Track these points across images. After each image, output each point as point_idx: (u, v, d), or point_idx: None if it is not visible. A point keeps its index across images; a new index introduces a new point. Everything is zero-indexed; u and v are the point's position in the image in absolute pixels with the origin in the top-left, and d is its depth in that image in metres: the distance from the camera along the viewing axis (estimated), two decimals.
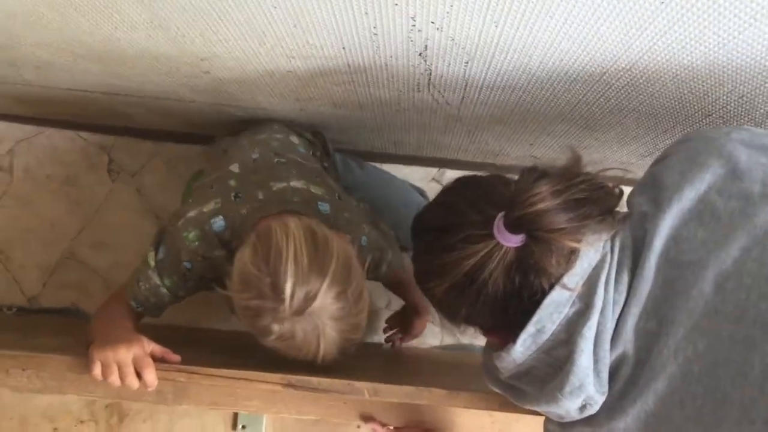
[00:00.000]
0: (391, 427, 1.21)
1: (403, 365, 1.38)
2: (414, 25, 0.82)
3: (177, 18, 0.87)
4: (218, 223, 1.11)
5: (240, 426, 1.37)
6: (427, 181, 1.70)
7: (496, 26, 0.80)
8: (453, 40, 0.86)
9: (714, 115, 1.06)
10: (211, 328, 1.62)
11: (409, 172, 1.69)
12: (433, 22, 0.81)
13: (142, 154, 1.68)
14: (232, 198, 1.13)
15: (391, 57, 0.94)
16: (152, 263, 1.12)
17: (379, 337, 1.59)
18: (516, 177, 0.83)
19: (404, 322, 1.50)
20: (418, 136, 1.43)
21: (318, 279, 0.91)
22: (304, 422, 1.35)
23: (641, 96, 1.00)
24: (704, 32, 0.76)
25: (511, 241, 0.76)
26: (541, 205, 0.74)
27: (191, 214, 1.12)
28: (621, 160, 1.45)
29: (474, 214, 0.79)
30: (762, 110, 1.01)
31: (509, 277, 0.77)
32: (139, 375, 0.97)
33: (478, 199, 0.81)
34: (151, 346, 1.01)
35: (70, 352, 1.04)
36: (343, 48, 0.92)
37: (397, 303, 1.58)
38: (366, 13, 0.80)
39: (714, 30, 0.75)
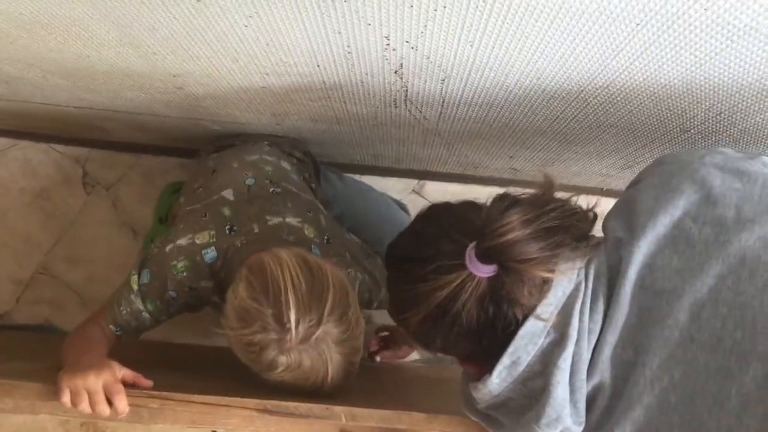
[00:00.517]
0: None
1: (383, 382, 1.36)
2: (388, 44, 0.81)
3: (147, 36, 0.85)
4: (210, 254, 1.09)
5: None
6: (407, 193, 1.68)
7: (471, 46, 0.79)
8: (428, 58, 0.84)
9: (692, 131, 1.05)
10: (188, 344, 1.59)
11: (389, 184, 1.67)
12: (407, 42, 0.80)
13: (117, 167, 1.65)
14: (227, 231, 1.11)
15: (366, 74, 0.93)
16: (135, 287, 1.09)
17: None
18: (489, 202, 0.81)
19: (393, 343, 1.47)
20: (396, 149, 1.42)
21: (319, 305, 0.91)
22: None
23: (619, 113, 0.99)
24: (681, 53, 0.76)
25: (483, 271, 0.74)
26: (510, 236, 0.73)
27: (182, 242, 1.10)
28: (600, 172, 1.44)
29: (446, 244, 0.77)
30: (740, 126, 1.01)
31: (482, 307, 0.75)
32: (110, 401, 0.95)
33: (451, 227, 0.79)
34: (123, 372, 0.98)
35: (40, 377, 1.01)
36: (318, 66, 0.91)
37: (380, 318, 1.58)
38: (339, 33, 0.79)
39: (691, 51, 0.75)
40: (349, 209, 1.43)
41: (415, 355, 1.71)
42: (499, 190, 1.62)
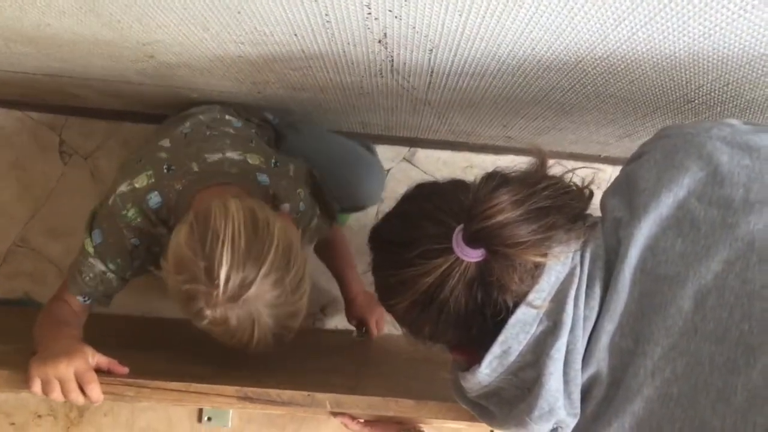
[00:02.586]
0: (362, 420, 1.16)
1: (372, 364, 1.33)
2: (370, 13, 0.74)
3: (108, 4, 0.78)
4: (154, 199, 1.05)
5: (206, 418, 1.32)
6: (398, 161, 1.62)
7: (460, 15, 0.72)
8: (414, 28, 0.78)
9: (696, 101, 0.99)
10: (171, 319, 1.55)
11: (379, 151, 1.61)
12: (390, 11, 0.73)
13: (95, 135, 1.59)
14: (165, 170, 1.07)
15: (348, 44, 0.86)
16: (91, 250, 1.06)
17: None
18: (477, 181, 0.76)
19: (359, 318, 1.42)
20: (385, 117, 1.36)
21: (255, 265, 0.87)
22: (272, 413, 1.30)
23: (619, 83, 0.93)
24: (688, 23, 0.69)
25: (471, 255, 0.69)
26: (500, 218, 0.68)
27: (123, 188, 1.06)
28: (598, 140, 1.39)
29: (431, 227, 0.73)
30: (748, 97, 0.95)
31: (471, 293, 0.71)
32: (83, 389, 0.91)
33: (436, 209, 0.74)
34: (96, 358, 0.94)
35: (10, 363, 0.97)
36: (295, 35, 0.84)
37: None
38: (315, 0, 0.72)
39: (699, 21, 0.68)
40: (308, 156, 1.36)
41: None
42: (493, 158, 1.60)
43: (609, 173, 1.58)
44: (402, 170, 1.62)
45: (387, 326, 1.43)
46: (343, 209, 1.39)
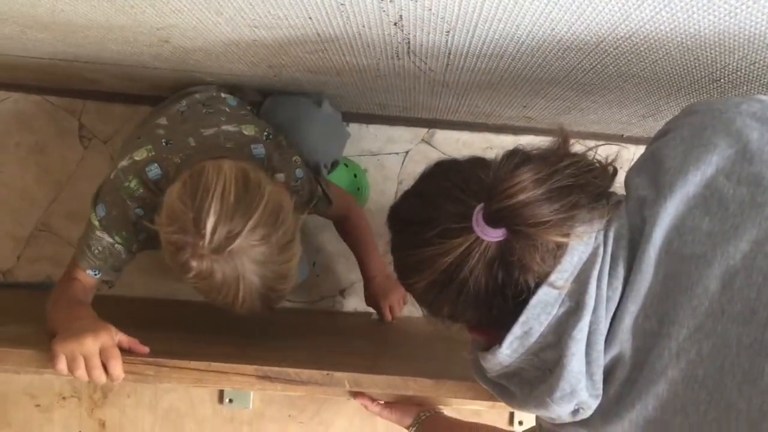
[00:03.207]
0: (382, 402, 1.16)
1: (391, 345, 1.32)
2: None
3: None
4: (153, 171, 1.07)
5: (227, 400, 1.33)
6: (417, 142, 1.60)
7: None
8: (430, 10, 0.76)
9: (722, 81, 0.97)
10: (187, 301, 1.56)
11: (397, 133, 1.60)
12: None
13: (114, 118, 1.59)
14: (164, 144, 1.09)
15: (363, 27, 0.85)
16: (96, 223, 1.08)
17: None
18: (498, 159, 0.74)
19: (374, 300, 1.42)
20: (403, 98, 1.34)
21: (242, 219, 0.88)
22: (292, 395, 1.31)
23: (642, 63, 0.91)
24: (713, 1, 0.67)
25: (492, 235, 0.68)
26: (522, 197, 0.66)
27: (123, 163, 1.08)
28: (620, 120, 1.36)
29: (451, 206, 0.71)
30: None
31: (491, 273, 0.70)
32: (105, 367, 0.92)
33: (455, 187, 0.73)
34: (118, 337, 0.95)
35: (34, 343, 0.98)
36: (310, 18, 0.83)
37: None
38: None
39: None
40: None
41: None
42: (513, 139, 1.58)
43: (632, 152, 1.55)
44: (421, 152, 1.60)
45: (407, 307, 1.43)
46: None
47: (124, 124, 1.59)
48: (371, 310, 1.45)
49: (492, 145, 1.60)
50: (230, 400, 1.32)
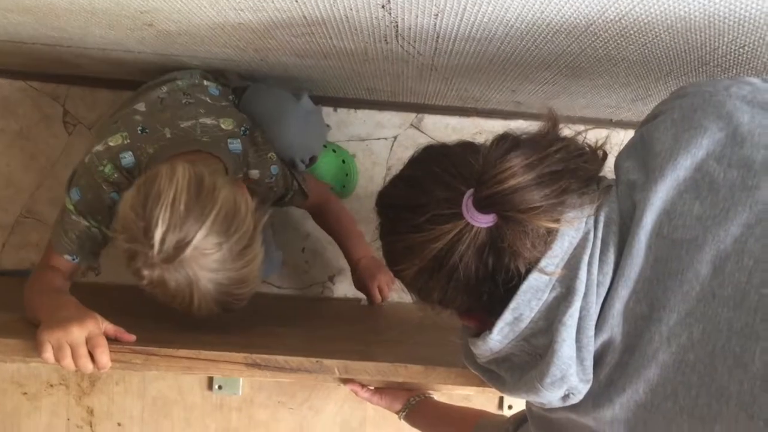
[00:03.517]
0: (372, 388, 1.16)
1: (381, 331, 1.32)
2: None
3: None
4: (127, 159, 1.07)
5: (216, 386, 1.33)
6: (405, 127, 1.59)
7: None
8: None
9: (711, 64, 0.96)
10: None
11: (385, 118, 1.59)
12: None
13: (98, 104, 1.57)
14: (139, 132, 1.08)
15: (350, 9, 0.84)
16: (71, 207, 1.07)
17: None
18: (488, 144, 0.74)
19: (362, 283, 1.41)
20: (391, 83, 1.33)
21: (192, 227, 0.87)
22: (282, 381, 1.31)
23: (632, 46, 0.90)
24: None
25: (482, 221, 0.68)
26: (512, 182, 0.66)
27: (98, 147, 1.07)
28: (610, 104, 1.36)
29: (440, 191, 0.71)
30: (764, 59, 0.92)
31: (482, 259, 0.69)
32: (91, 355, 0.91)
33: (445, 172, 0.72)
34: (104, 325, 0.94)
35: (17, 331, 0.97)
36: (296, 1, 0.82)
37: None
38: None
39: None
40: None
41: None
42: (502, 123, 1.57)
43: (622, 136, 1.55)
44: (409, 137, 1.59)
45: (397, 293, 1.42)
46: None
47: (108, 110, 1.56)
48: (361, 295, 1.45)
49: (481, 130, 1.59)
50: (219, 387, 1.32)
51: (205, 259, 0.88)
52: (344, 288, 1.60)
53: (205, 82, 1.25)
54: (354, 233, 1.41)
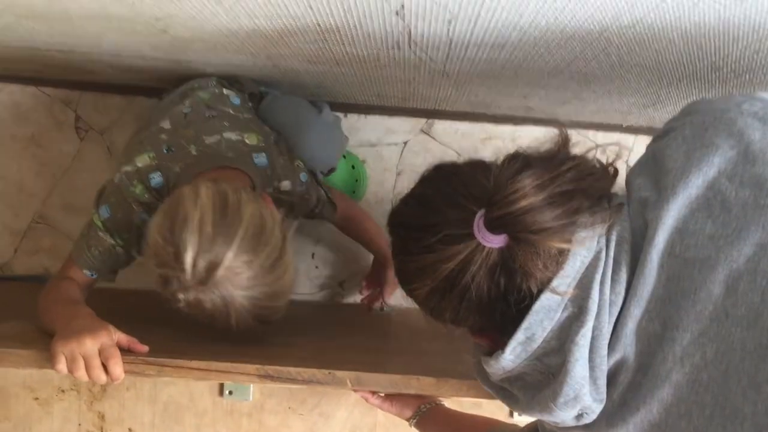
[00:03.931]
0: (382, 394, 1.16)
1: (393, 339, 1.32)
2: None
3: None
4: (156, 179, 1.07)
5: (227, 392, 1.33)
6: (416, 133, 1.59)
7: None
8: None
9: (724, 69, 0.97)
10: None
11: (395, 123, 1.58)
12: None
13: (110, 110, 1.57)
14: (165, 151, 1.09)
15: (364, 16, 0.84)
16: (99, 224, 1.07)
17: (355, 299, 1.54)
18: (499, 162, 0.74)
19: (378, 276, 1.42)
20: (402, 89, 1.33)
21: (222, 248, 0.88)
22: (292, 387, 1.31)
23: (645, 52, 0.90)
24: None
25: (493, 241, 0.68)
26: (523, 203, 0.66)
27: (127, 168, 1.08)
28: (621, 109, 1.36)
29: (452, 212, 0.70)
30: None
31: (493, 279, 0.69)
32: (105, 366, 0.91)
33: (456, 193, 0.72)
34: (117, 336, 0.95)
35: (32, 341, 0.97)
36: (310, 8, 0.82)
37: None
38: None
39: None
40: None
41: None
42: (512, 129, 1.57)
43: (631, 142, 1.55)
44: (420, 142, 1.59)
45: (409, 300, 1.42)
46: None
47: (120, 116, 1.57)
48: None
49: (491, 136, 1.59)
50: (230, 392, 1.33)
51: (237, 278, 0.89)
52: (355, 293, 1.60)
53: (225, 91, 1.25)
54: (383, 235, 1.41)
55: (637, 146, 1.55)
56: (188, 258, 0.87)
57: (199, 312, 0.92)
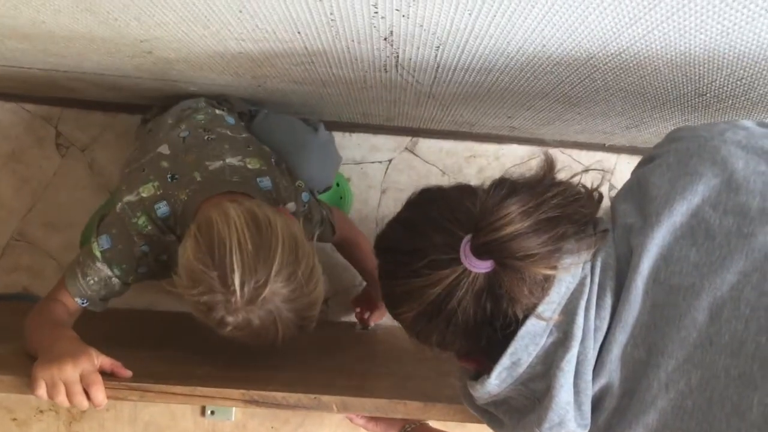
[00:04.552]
0: (367, 414, 1.15)
1: (379, 361, 1.31)
2: (377, 12, 0.72)
3: (105, 2, 0.76)
4: (162, 209, 1.06)
5: (209, 412, 1.31)
6: (400, 151, 1.60)
7: (469, 14, 0.70)
8: (422, 26, 0.75)
9: (708, 95, 0.97)
10: (170, 312, 1.53)
11: (380, 141, 1.59)
12: (398, 10, 0.71)
13: (92, 127, 1.56)
14: (169, 180, 1.07)
15: (352, 41, 0.84)
16: (98, 254, 1.05)
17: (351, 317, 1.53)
18: (485, 187, 0.74)
19: (368, 298, 1.43)
20: (387, 108, 1.33)
21: (266, 265, 0.88)
22: None
23: (630, 78, 0.91)
24: (706, 22, 0.67)
25: (479, 267, 0.67)
26: (509, 229, 0.66)
27: (129, 198, 1.06)
28: (604, 130, 1.37)
29: (438, 236, 0.70)
30: (760, 91, 0.93)
31: (480, 304, 0.69)
32: (87, 392, 0.90)
33: (442, 217, 0.71)
34: (100, 360, 0.93)
35: (11, 366, 0.96)
36: (298, 33, 0.82)
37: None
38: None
39: (717, 20, 0.66)
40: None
41: None
42: (496, 147, 1.58)
43: (614, 162, 1.56)
44: (404, 160, 1.59)
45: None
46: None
47: (102, 133, 1.56)
48: (355, 320, 1.45)
49: (475, 154, 1.59)
50: (212, 413, 1.30)
51: (283, 291, 0.90)
52: (340, 311, 1.59)
53: (218, 111, 1.24)
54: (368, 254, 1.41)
55: (619, 165, 1.57)
56: (236, 279, 0.87)
57: (247, 333, 0.91)
